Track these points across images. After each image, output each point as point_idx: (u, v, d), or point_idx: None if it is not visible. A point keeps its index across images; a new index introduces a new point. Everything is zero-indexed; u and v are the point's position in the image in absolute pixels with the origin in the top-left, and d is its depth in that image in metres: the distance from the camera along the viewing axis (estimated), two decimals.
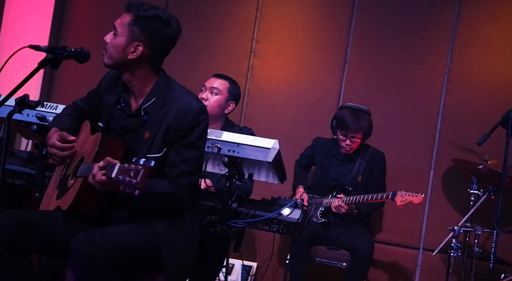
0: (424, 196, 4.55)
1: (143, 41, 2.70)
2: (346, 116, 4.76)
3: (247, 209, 3.53)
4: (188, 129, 2.72)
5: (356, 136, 4.77)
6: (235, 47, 5.68)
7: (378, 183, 4.90)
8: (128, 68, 2.76)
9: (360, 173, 4.86)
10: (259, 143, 3.40)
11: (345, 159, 4.92)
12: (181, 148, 2.73)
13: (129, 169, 2.34)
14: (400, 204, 4.51)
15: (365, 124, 4.75)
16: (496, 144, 4.30)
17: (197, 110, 2.75)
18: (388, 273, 5.24)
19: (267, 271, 5.19)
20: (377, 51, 5.46)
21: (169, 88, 2.80)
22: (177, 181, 2.71)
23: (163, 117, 2.73)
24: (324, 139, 5.05)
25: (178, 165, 2.72)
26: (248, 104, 5.62)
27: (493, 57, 5.22)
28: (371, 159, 4.89)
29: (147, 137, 2.74)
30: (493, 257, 4.01)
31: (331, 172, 4.93)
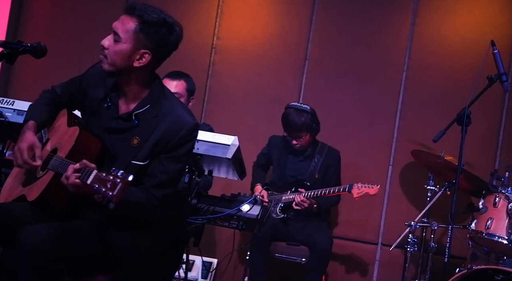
0: (379, 187, 4.62)
1: (150, 49, 2.64)
2: (289, 116, 4.83)
3: (207, 205, 3.54)
4: (178, 144, 2.69)
5: (299, 135, 4.82)
6: (196, 44, 5.66)
7: (334, 180, 4.97)
8: (130, 74, 2.69)
9: (317, 170, 4.92)
10: (218, 140, 3.40)
11: (301, 156, 4.97)
12: (165, 160, 2.69)
13: (106, 180, 2.30)
14: (356, 196, 4.59)
15: (306, 123, 4.79)
16: (452, 140, 4.38)
17: (192, 126, 2.72)
18: (347, 268, 5.31)
19: (227, 267, 5.21)
20: (337, 48, 5.50)
21: (164, 97, 2.75)
22: (151, 191, 2.66)
23: (156, 127, 2.68)
24: (280, 137, 5.09)
25: (158, 176, 2.68)
26: (209, 101, 5.62)
27: (450, 55, 5.31)
28: (327, 157, 4.96)
29: (135, 143, 2.69)
30: (448, 252, 4.08)
31: (289, 169, 4.98)
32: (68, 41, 5.64)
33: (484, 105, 4.83)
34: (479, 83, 4.27)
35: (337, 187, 4.73)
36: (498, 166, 4.98)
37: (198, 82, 5.56)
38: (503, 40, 5.07)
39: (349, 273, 5.30)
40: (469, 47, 5.22)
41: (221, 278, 5.33)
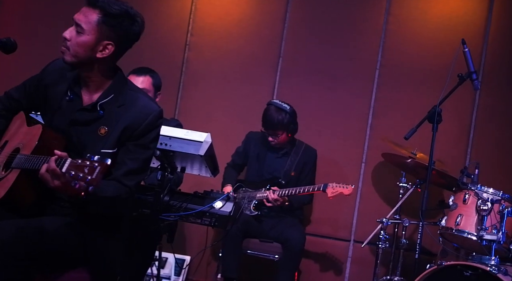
0: (354, 187, 4.67)
1: (113, 40, 2.65)
2: (267, 112, 4.87)
3: (179, 202, 3.54)
4: (145, 131, 2.71)
5: (275, 133, 4.85)
6: (170, 40, 5.65)
7: (309, 178, 5.00)
8: (92, 66, 2.69)
9: (293, 168, 4.94)
10: (191, 137, 3.40)
11: (279, 153, 4.99)
12: (133, 147, 2.70)
13: (83, 165, 2.29)
14: (331, 196, 4.63)
15: (283, 122, 4.82)
16: (424, 138, 4.42)
17: (157, 113, 2.75)
18: (319, 265, 5.34)
19: (200, 264, 5.21)
20: (310, 46, 5.52)
21: (127, 87, 2.78)
22: (123, 181, 2.66)
23: (121, 116, 2.69)
24: (258, 132, 5.11)
25: (126, 162, 2.68)
26: (183, 97, 5.61)
27: (422, 53, 5.36)
28: (304, 155, 4.99)
29: (103, 133, 2.69)
30: (419, 248, 4.13)
31: (267, 165, 5.00)
32: (43, 36, 5.59)
33: (455, 103, 4.89)
34: (450, 81, 4.32)
35: (311, 186, 4.75)
36: (469, 163, 5.04)
37: (172, 79, 5.59)
38: (474, 39, 5.14)
39: (322, 270, 5.34)
40: (441, 45, 5.27)
41: (194, 275, 5.32)
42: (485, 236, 3.93)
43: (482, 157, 5.02)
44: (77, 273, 2.73)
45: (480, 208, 4.00)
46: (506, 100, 5.21)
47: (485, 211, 3.98)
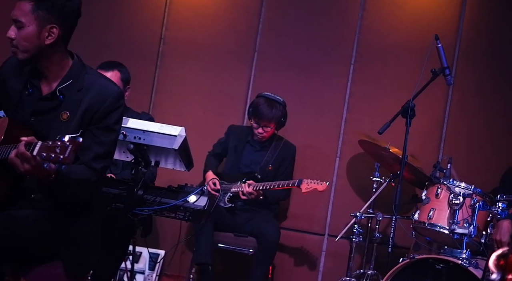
0: (328, 184, 4.69)
1: (54, 22, 2.66)
2: (261, 104, 4.85)
3: (153, 196, 3.53)
4: (106, 112, 2.72)
5: (268, 125, 4.87)
6: (145, 34, 5.62)
7: (286, 174, 5.02)
8: (45, 55, 2.70)
9: (271, 162, 4.95)
10: (165, 130, 3.40)
11: (258, 147, 5.01)
12: (97, 131, 2.72)
13: (54, 146, 2.34)
14: (305, 191, 4.65)
15: (278, 114, 4.85)
16: (397, 133, 4.46)
17: (117, 94, 2.77)
18: (294, 259, 5.36)
19: (174, 258, 5.21)
20: (286, 40, 5.53)
21: (85, 71, 2.79)
22: (92, 165, 2.69)
23: (82, 99, 2.71)
24: (239, 126, 5.14)
25: (92, 147, 2.71)
26: (158, 91, 5.58)
27: (396, 48, 5.39)
28: (283, 150, 5.01)
29: (65, 118, 2.71)
30: (392, 242, 4.17)
31: (244, 158, 5.01)
32: None
33: (428, 98, 4.93)
34: (424, 76, 4.36)
35: (286, 181, 4.77)
36: (441, 158, 5.09)
37: (147, 73, 5.56)
38: (447, 34, 5.18)
39: (296, 264, 5.36)
40: (415, 41, 5.30)
41: (168, 270, 5.31)
42: (456, 230, 3.98)
43: (455, 151, 5.07)
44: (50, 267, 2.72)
45: (452, 202, 4.05)
46: (478, 95, 5.27)
47: (457, 205, 4.02)
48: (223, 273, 5.21)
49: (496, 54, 5.27)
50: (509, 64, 5.24)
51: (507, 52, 5.25)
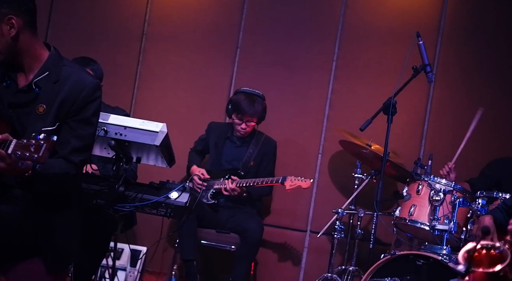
0: (312, 181, 4.70)
1: (10, 13, 2.62)
2: (242, 100, 4.85)
3: (135, 193, 3.52)
4: (83, 104, 2.70)
5: (251, 120, 4.87)
6: (126, 30, 5.59)
7: (268, 169, 5.03)
8: (16, 49, 2.66)
9: (253, 158, 4.96)
10: (147, 127, 3.38)
11: (239, 142, 5.01)
12: (74, 124, 2.70)
13: (28, 144, 2.32)
14: (289, 189, 4.66)
15: (260, 109, 4.87)
16: (379, 129, 4.48)
17: (93, 85, 2.74)
18: (276, 255, 5.36)
19: (156, 255, 5.19)
20: (268, 37, 5.53)
21: (62, 64, 2.76)
22: (70, 158, 2.67)
23: (58, 91, 2.68)
24: (219, 123, 5.13)
25: (71, 141, 2.68)
26: (140, 88, 5.56)
27: (379, 45, 5.41)
28: (264, 145, 5.01)
29: (41, 111, 2.67)
30: (373, 238, 4.18)
31: (225, 154, 5.01)
32: None
33: (410, 95, 4.96)
34: (405, 73, 4.38)
35: (270, 178, 4.77)
36: (423, 154, 5.12)
37: (129, 69, 5.54)
38: (428, 32, 5.21)
39: (278, 260, 5.37)
40: (397, 38, 5.32)
41: (150, 266, 5.30)
42: (437, 226, 4.01)
43: (436, 148, 5.10)
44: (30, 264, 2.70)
45: (432, 199, 4.08)
46: (459, 92, 5.31)
47: (437, 201, 4.05)
48: (206, 270, 5.20)
49: (477, 51, 5.31)
50: (489, 61, 5.28)
51: (488, 49, 5.29)
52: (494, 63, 5.28)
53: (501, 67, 5.27)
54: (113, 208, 3.38)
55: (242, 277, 4.70)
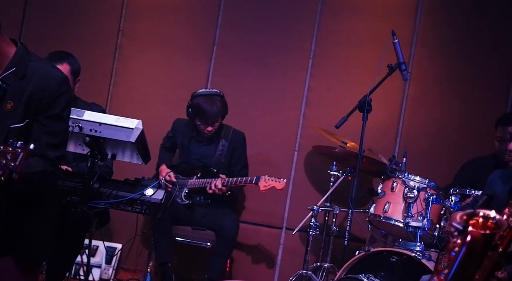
0: (286, 181, 4.70)
1: None
2: (202, 104, 4.80)
3: (110, 189, 3.51)
4: (51, 99, 2.68)
5: (215, 121, 4.85)
6: (102, 26, 5.56)
7: (242, 162, 5.02)
8: None
9: (224, 155, 4.95)
10: (122, 123, 3.38)
11: (206, 141, 4.99)
12: (45, 120, 2.68)
13: (5, 152, 2.28)
14: (263, 189, 4.66)
15: (221, 108, 4.83)
16: (355, 127, 4.50)
17: (60, 79, 2.73)
18: (252, 252, 5.37)
19: (131, 252, 5.18)
20: (245, 34, 5.53)
21: (29, 59, 2.74)
22: (46, 155, 2.66)
23: (25, 87, 2.67)
24: (184, 120, 5.09)
25: (44, 138, 2.68)
26: (116, 84, 5.53)
27: (355, 44, 5.44)
28: (233, 140, 4.99)
29: (9, 108, 2.66)
30: (348, 235, 4.21)
31: (193, 153, 4.99)
32: None
33: (385, 93, 4.99)
34: (381, 71, 4.41)
35: (243, 178, 4.75)
36: (397, 152, 5.16)
37: (105, 65, 5.51)
38: (404, 30, 5.25)
39: (254, 257, 5.38)
40: (373, 36, 5.36)
41: (125, 263, 5.28)
42: (411, 223, 4.04)
43: (411, 146, 5.15)
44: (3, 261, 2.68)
45: (407, 196, 4.10)
46: (434, 91, 5.36)
47: (411, 198, 4.08)
48: (181, 267, 5.20)
49: (452, 50, 5.36)
50: (464, 60, 5.34)
51: (463, 48, 5.34)
52: (467, 62, 5.33)
53: (474, 66, 5.32)
54: (88, 205, 3.37)
55: (218, 274, 4.71)
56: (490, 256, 2.10)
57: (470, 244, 2.07)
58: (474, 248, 2.08)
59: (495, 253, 2.10)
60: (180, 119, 5.09)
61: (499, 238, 2.09)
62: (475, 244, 2.07)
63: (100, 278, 4.98)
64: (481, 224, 2.11)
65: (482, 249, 2.08)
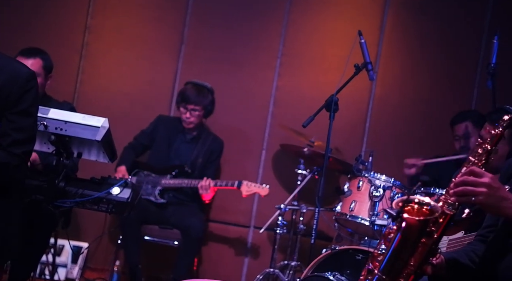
0: (269, 187, 4.72)
1: None
2: (188, 90, 4.91)
3: (76, 188, 3.48)
4: (19, 95, 2.67)
5: (195, 108, 4.86)
6: (69, 22, 5.50)
7: (214, 167, 5.06)
8: None
9: (201, 155, 4.96)
10: (88, 121, 3.34)
11: (189, 138, 5.00)
12: (13, 116, 2.67)
13: None
14: (246, 194, 4.70)
15: (206, 100, 4.88)
16: (322, 126, 4.52)
17: (28, 75, 2.71)
18: (220, 251, 5.38)
19: (98, 251, 5.14)
20: (214, 33, 5.53)
21: None
22: (11, 150, 2.65)
23: None
24: (168, 116, 5.12)
25: (10, 134, 2.66)
26: (82, 82, 5.48)
27: (322, 43, 5.48)
28: (211, 144, 5.04)
29: None
30: (314, 234, 4.23)
31: (175, 148, 4.99)
32: None
33: (352, 93, 5.03)
34: (347, 71, 4.44)
35: (225, 181, 4.79)
36: (364, 151, 5.21)
37: (71, 62, 5.45)
38: (371, 30, 5.30)
39: (222, 256, 5.38)
40: (340, 36, 5.40)
41: (92, 263, 5.24)
42: (376, 221, 4.08)
43: (377, 145, 5.20)
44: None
45: (372, 195, 4.14)
46: (400, 91, 5.42)
47: (377, 197, 4.12)
48: (149, 266, 5.17)
49: (417, 50, 5.44)
50: (429, 60, 5.41)
51: (427, 49, 5.42)
52: (432, 62, 5.41)
53: (438, 67, 5.40)
54: (53, 204, 3.33)
55: (184, 273, 4.70)
56: (425, 243, 2.14)
57: (405, 230, 2.11)
58: (408, 234, 2.12)
59: (429, 239, 2.14)
60: (163, 115, 5.15)
61: (434, 225, 2.14)
62: (410, 230, 2.12)
63: (66, 278, 4.93)
64: (416, 210, 2.16)
65: (417, 235, 2.12)
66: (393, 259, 2.14)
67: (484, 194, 2.10)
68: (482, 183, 2.11)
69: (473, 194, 2.11)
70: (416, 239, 2.13)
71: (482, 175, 2.12)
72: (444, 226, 2.15)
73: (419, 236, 2.13)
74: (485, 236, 2.35)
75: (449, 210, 2.15)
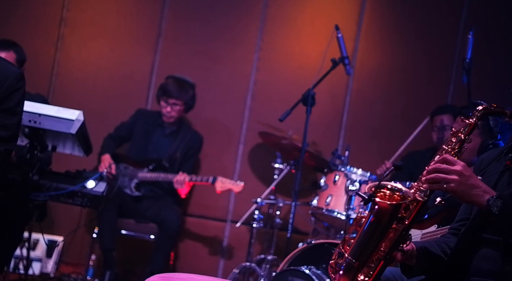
0: (243, 184, 4.72)
1: None
2: (169, 84, 4.90)
3: (50, 181, 3.45)
4: (7, 94, 2.67)
5: (177, 103, 4.85)
6: (44, 15, 5.43)
7: (192, 162, 5.05)
8: None
9: (179, 151, 4.94)
10: (62, 114, 3.33)
11: (168, 132, 4.99)
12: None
13: None
14: (219, 190, 4.68)
15: (187, 95, 4.88)
16: (299, 120, 4.54)
17: (17, 75, 2.72)
18: (196, 245, 5.37)
19: (73, 245, 5.11)
20: (191, 26, 5.50)
21: None
22: None
23: None
24: (148, 110, 5.11)
25: None
26: (58, 75, 5.42)
27: (300, 38, 5.48)
28: (191, 139, 5.03)
29: None
30: (291, 228, 4.25)
31: (154, 142, 4.97)
32: None
33: (330, 87, 5.06)
34: (324, 65, 4.45)
35: (201, 177, 4.78)
36: (341, 145, 5.23)
37: (46, 56, 5.39)
38: (348, 25, 5.31)
39: (198, 250, 5.37)
40: (317, 30, 5.40)
41: (67, 257, 5.20)
42: (352, 215, 4.10)
43: (354, 139, 5.22)
44: None
45: (348, 189, 4.17)
46: (376, 85, 5.44)
47: (353, 191, 4.15)
48: (124, 260, 5.15)
49: (394, 44, 5.46)
50: (405, 56, 5.44)
51: (405, 43, 5.45)
52: (410, 57, 5.44)
53: (415, 62, 5.44)
54: (27, 197, 3.31)
55: (160, 267, 4.68)
56: (396, 228, 2.16)
57: (377, 214, 2.13)
58: (380, 218, 2.13)
59: (401, 225, 2.16)
60: (142, 109, 5.14)
61: (406, 211, 2.15)
62: (381, 214, 2.13)
63: (40, 272, 4.88)
64: (388, 196, 2.17)
65: (388, 220, 2.14)
66: (363, 243, 2.15)
67: (456, 181, 2.12)
68: (454, 170, 2.13)
69: (445, 181, 2.13)
70: (387, 224, 2.14)
71: (455, 163, 2.14)
72: (416, 213, 2.17)
73: (390, 221, 2.14)
74: (458, 230, 2.37)
75: (421, 196, 2.16)
